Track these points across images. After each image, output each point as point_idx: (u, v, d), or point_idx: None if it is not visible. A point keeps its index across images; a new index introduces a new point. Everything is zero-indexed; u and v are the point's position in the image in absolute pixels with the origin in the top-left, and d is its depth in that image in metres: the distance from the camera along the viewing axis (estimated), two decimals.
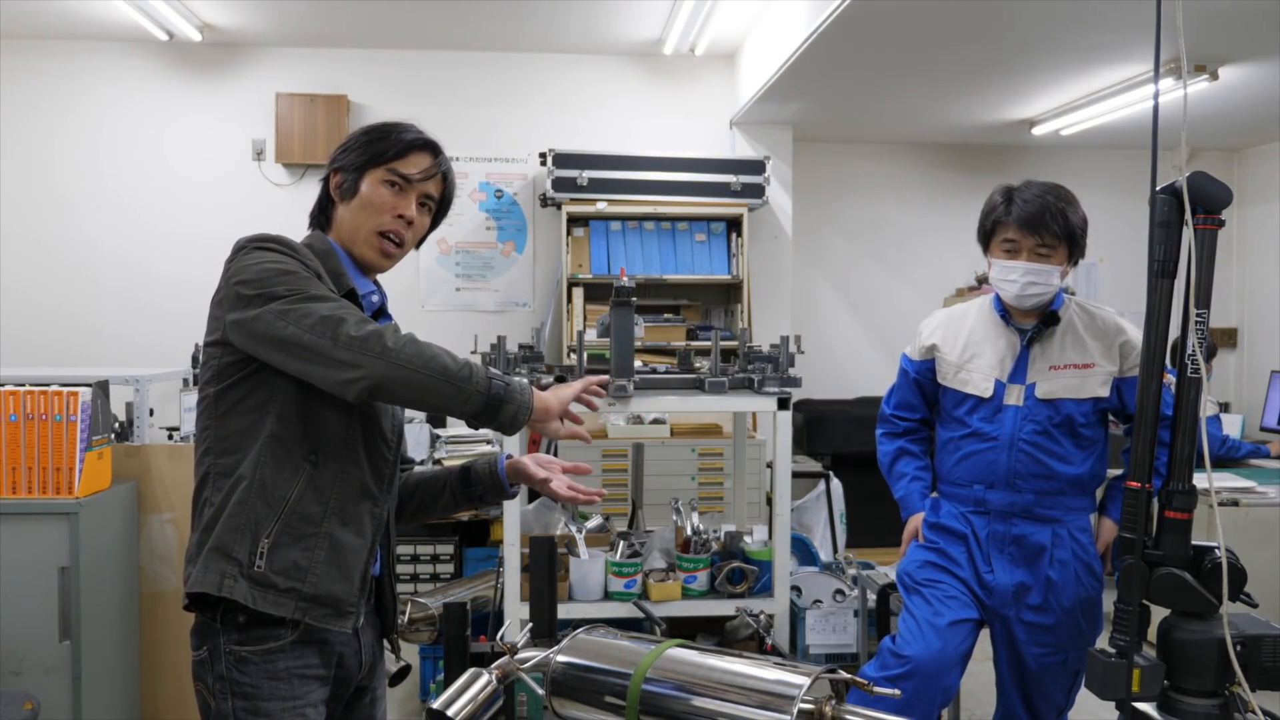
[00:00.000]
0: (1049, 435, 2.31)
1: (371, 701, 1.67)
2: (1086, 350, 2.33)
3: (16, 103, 5.20)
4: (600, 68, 5.48)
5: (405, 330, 1.46)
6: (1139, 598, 1.46)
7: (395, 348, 1.38)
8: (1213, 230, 1.53)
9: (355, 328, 1.37)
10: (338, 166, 1.62)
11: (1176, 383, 1.57)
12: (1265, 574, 3.47)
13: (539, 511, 3.27)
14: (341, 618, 1.51)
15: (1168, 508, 1.51)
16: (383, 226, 1.59)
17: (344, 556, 1.51)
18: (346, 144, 1.64)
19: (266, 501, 1.47)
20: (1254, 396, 6.00)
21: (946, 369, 2.45)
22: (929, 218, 6.13)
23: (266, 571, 1.45)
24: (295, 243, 1.54)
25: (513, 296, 5.48)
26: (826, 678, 1.02)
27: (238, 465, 1.48)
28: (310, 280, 1.45)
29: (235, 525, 1.46)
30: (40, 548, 2.71)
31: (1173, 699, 1.42)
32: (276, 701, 1.46)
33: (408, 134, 1.62)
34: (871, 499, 5.41)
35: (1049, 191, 2.29)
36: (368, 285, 1.64)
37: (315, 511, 1.49)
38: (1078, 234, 2.29)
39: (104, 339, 5.24)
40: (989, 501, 2.36)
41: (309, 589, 1.47)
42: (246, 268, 1.45)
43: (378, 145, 1.60)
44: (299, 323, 1.38)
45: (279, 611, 1.45)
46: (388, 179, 1.59)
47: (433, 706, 1.17)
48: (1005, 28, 3.78)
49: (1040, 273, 2.27)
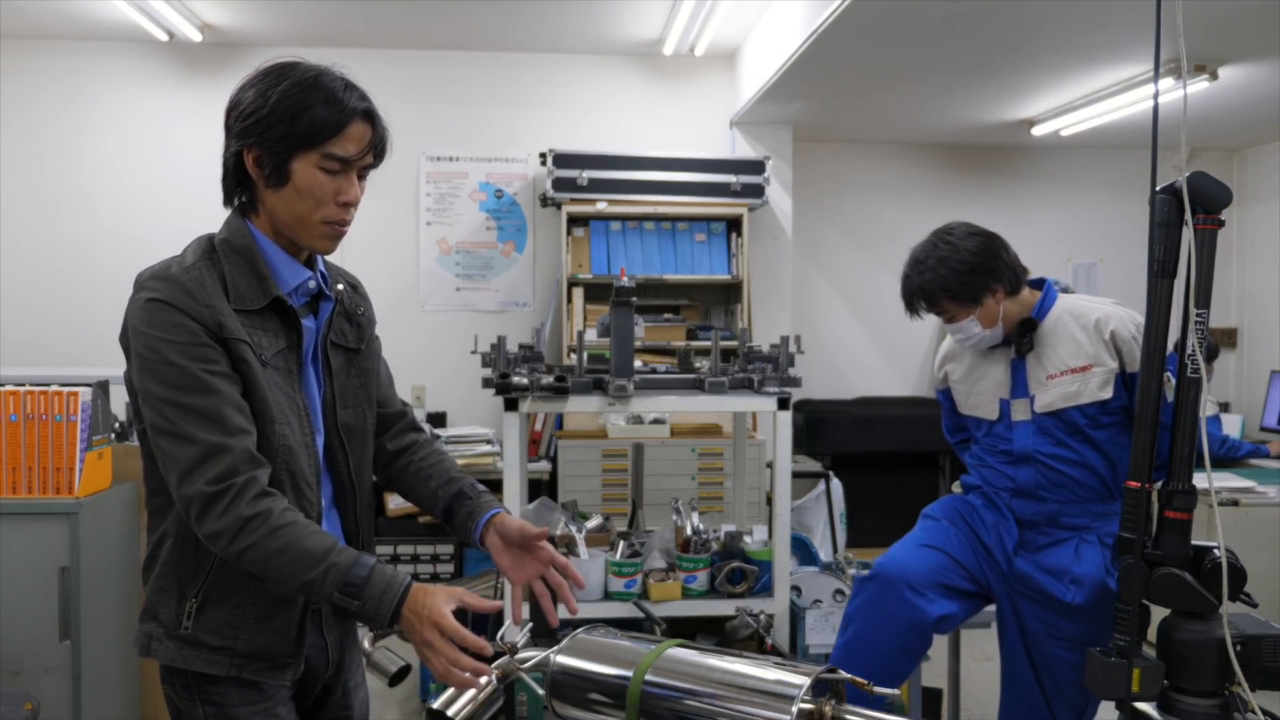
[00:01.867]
0: (1063, 445, 2.32)
1: (344, 694, 1.61)
2: (1081, 351, 2.30)
3: (16, 103, 5.20)
4: (600, 68, 5.48)
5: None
6: (1139, 598, 1.46)
7: (240, 556, 1.29)
8: (1213, 230, 1.53)
9: (218, 518, 1.28)
10: (254, 142, 1.38)
11: (1177, 383, 1.57)
12: (1265, 574, 3.47)
13: (539, 511, 3.28)
14: (279, 670, 1.43)
15: (1168, 508, 1.51)
16: (329, 218, 1.41)
17: (276, 610, 1.42)
18: (256, 110, 1.36)
19: (192, 559, 1.40)
20: (1254, 396, 6.00)
21: (959, 396, 2.54)
22: (929, 217, 6.06)
23: (195, 632, 1.39)
24: (190, 299, 1.34)
25: (513, 296, 5.48)
26: (826, 678, 1.02)
27: (164, 511, 1.41)
28: (191, 391, 1.31)
29: (162, 586, 1.42)
30: (40, 548, 2.71)
31: (1173, 699, 1.42)
32: (246, 707, 1.42)
33: (340, 103, 1.37)
34: (871, 499, 5.42)
35: (919, 264, 2.35)
36: (299, 274, 1.46)
37: (242, 568, 1.35)
38: (962, 288, 2.30)
39: (104, 339, 5.20)
40: (1016, 510, 2.41)
41: (242, 645, 1.40)
42: (140, 353, 1.34)
43: (304, 122, 1.35)
44: (170, 480, 1.32)
45: (212, 670, 1.39)
46: (325, 165, 1.38)
47: (433, 706, 1.17)
48: (1005, 27, 3.78)
49: (959, 329, 2.39)
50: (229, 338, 1.35)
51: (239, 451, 1.31)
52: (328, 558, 1.29)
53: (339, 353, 1.53)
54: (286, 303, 1.42)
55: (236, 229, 1.44)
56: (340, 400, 1.52)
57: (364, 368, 1.58)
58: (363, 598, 1.29)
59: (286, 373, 1.43)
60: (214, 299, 1.35)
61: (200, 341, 1.33)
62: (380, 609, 1.29)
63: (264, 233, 1.44)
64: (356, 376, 1.56)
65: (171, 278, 1.36)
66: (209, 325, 1.34)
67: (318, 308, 1.51)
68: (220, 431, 1.30)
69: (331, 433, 1.51)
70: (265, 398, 1.38)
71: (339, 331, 1.53)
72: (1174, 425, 1.56)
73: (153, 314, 1.33)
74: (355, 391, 1.56)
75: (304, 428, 1.44)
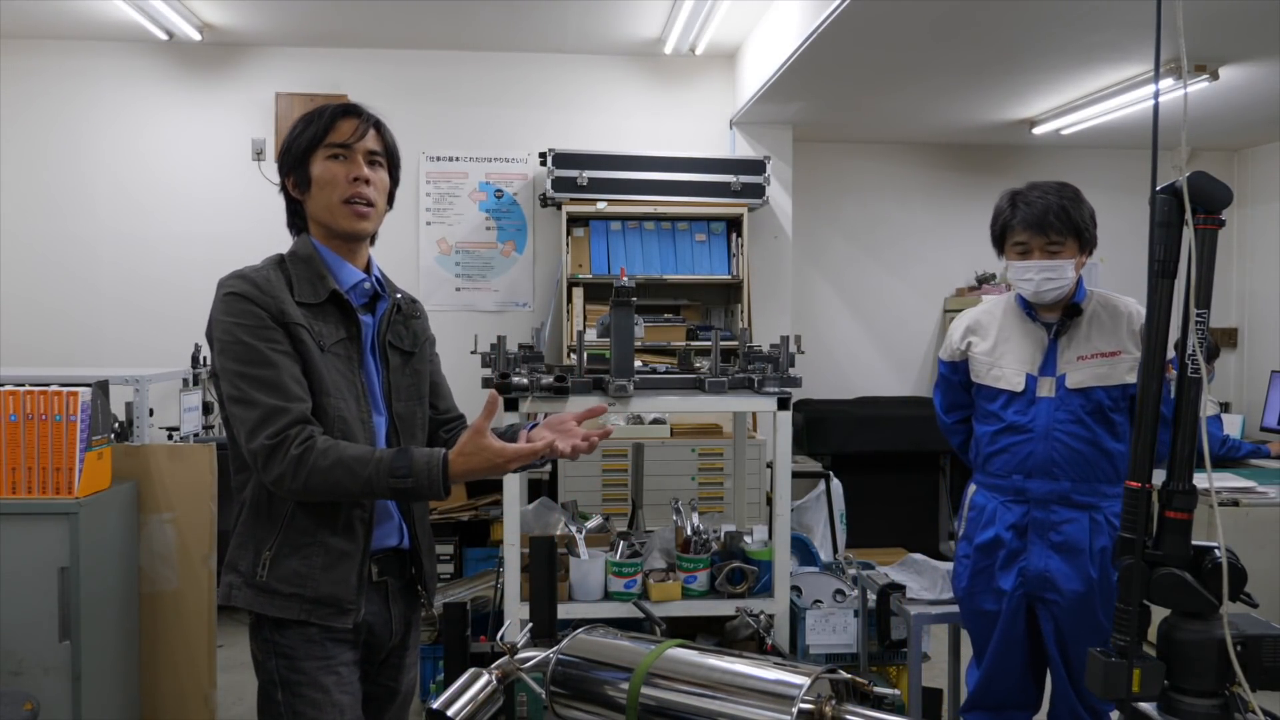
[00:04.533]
0: (1082, 424, 2.41)
1: (397, 669, 1.83)
2: (1111, 338, 2.42)
3: (16, 102, 5.20)
4: (600, 68, 5.48)
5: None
6: (1139, 598, 1.46)
7: (306, 488, 1.55)
8: (1213, 230, 1.52)
9: (279, 463, 1.54)
10: (285, 170, 1.73)
11: (1177, 382, 1.56)
12: (1265, 574, 3.46)
13: (539, 511, 3.27)
14: (343, 615, 1.65)
15: (1168, 508, 1.51)
16: (344, 195, 1.69)
17: (339, 561, 1.65)
18: (282, 150, 1.74)
19: (266, 520, 1.65)
20: (1254, 396, 6.01)
21: (980, 366, 2.55)
22: (929, 217, 6.13)
23: (270, 580, 1.63)
24: (258, 291, 1.62)
25: (513, 296, 5.48)
26: (826, 678, 1.02)
27: (244, 485, 1.69)
28: (257, 364, 1.58)
29: (240, 542, 1.68)
30: (40, 548, 2.71)
31: (1173, 699, 1.42)
32: (312, 660, 1.64)
33: (325, 110, 1.72)
34: (871, 499, 5.42)
35: (1052, 191, 2.42)
36: (355, 275, 1.74)
37: (309, 524, 1.64)
38: (1083, 227, 2.42)
39: (103, 339, 5.24)
40: (1029, 490, 2.45)
41: (310, 592, 1.63)
42: (219, 337, 1.62)
43: (305, 133, 1.70)
44: (240, 439, 1.60)
45: (284, 614, 1.63)
46: (329, 154, 1.69)
47: (433, 706, 1.17)
48: (1005, 27, 3.78)
49: (1053, 268, 2.40)
50: (289, 323, 1.62)
51: (295, 413, 1.57)
52: (373, 455, 1.56)
53: (395, 352, 1.79)
54: (344, 298, 1.69)
55: (300, 243, 1.74)
56: (395, 392, 1.77)
57: (417, 369, 1.83)
58: (413, 473, 1.54)
59: (346, 359, 1.69)
60: (278, 292, 1.63)
61: (265, 324, 1.60)
62: (431, 477, 1.54)
63: (320, 241, 1.73)
64: (410, 375, 1.81)
65: (245, 276, 1.64)
66: (272, 312, 1.61)
67: (375, 308, 1.77)
68: (280, 397, 1.57)
69: (389, 416, 1.75)
70: (322, 376, 1.63)
71: (396, 333, 1.80)
72: (1174, 425, 1.56)
73: (229, 305, 1.62)
74: (408, 388, 1.80)
75: (361, 406, 1.69)
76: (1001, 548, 2.48)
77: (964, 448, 2.72)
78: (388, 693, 1.82)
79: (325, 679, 1.64)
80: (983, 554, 2.51)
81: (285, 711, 1.64)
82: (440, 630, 3.14)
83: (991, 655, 2.52)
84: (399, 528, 1.77)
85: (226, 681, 3.61)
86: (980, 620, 2.55)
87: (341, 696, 1.65)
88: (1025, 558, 2.45)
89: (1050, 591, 2.42)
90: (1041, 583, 2.43)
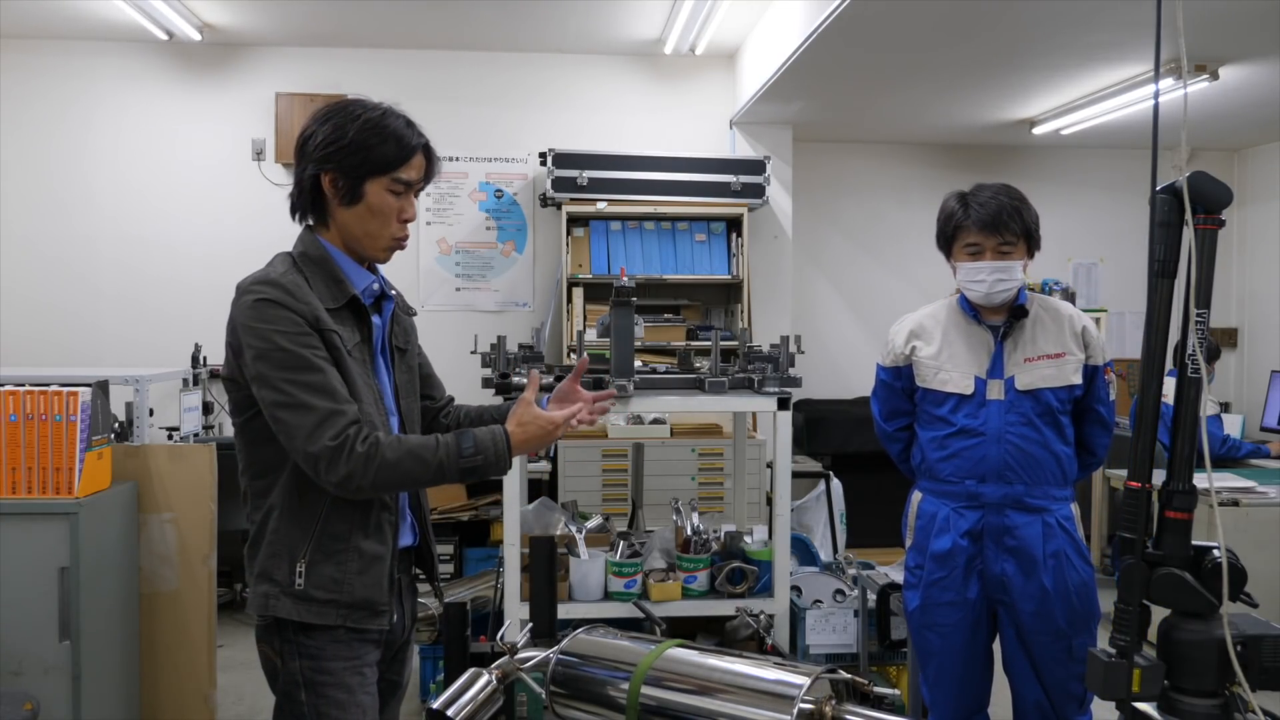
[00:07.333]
0: (1033, 426, 2.40)
1: (401, 661, 1.85)
2: (1056, 340, 2.43)
3: (16, 102, 5.20)
4: (600, 68, 5.48)
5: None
6: (1139, 598, 1.46)
7: (375, 483, 1.56)
8: (1213, 230, 1.52)
9: (345, 463, 1.52)
10: (328, 164, 1.63)
11: (1177, 382, 1.56)
12: (1265, 574, 3.46)
13: (539, 511, 3.27)
14: (378, 617, 1.66)
15: (1168, 508, 1.51)
16: (396, 234, 1.69)
17: (372, 564, 1.65)
18: (339, 141, 1.63)
19: (298, 526, 1.63)
20: (1254, 396, 6.01)
21: (925, 371, 2.52)
22: (929, 217, 6.02)
23: (307, 588, 1.61)
24: (291, 298, 1.58)
25: (513, 296, 5.48)
26: (826, 678, 1.02)
27: (269, 490, 1.64)
28: (303, 369, 1.55)
29: (273, 551, 1.63)
30: (40, 548, 2.71)
31: (1173, 699, 1.42)
32: (339, 661, 1.63)
33: (406, 139, 1.66)
34: (871, 499, 5.42)
35: (1002, 192, 2.44)
36: (366, 278, 1.72)
37: (341, 529, 1.63)
38: (1033, 229, 2.44)
39: (103, 339, 5.24)
40: (982, 495, 2.41)
41: (346, 597, 1.62)
42: (253, 344, 1.57)
43: (380, 152, 1.63)
44: (296, 444, 1.55)
45: (323, 621, 1.61)
46: (393, 188, 1.65)
47: (433, 706, 1.17)
48: (1005, 27, 3.78)
49: (1005, 269, 2.41)
50: (324, 328, 1.60)
51: (351, 413, 1.56)
52: (437, 441, 1.59)
53: (397, 351, 1.80)
54: (360, 301, 1.67)
55: (310, 243, 1.68)
56: (401, 391, 1.78)
57: (411, 366, 1.84)
58: (480, 449, 1.59)
59: (363, 362, 1.68)
60: (310, 298, 1.60)
61: (304, 330, 1.57)
62: (498, 451, 1.60)
63: (333, 244, 1.69)
64: (407, 373, 1.82)
65: (274, 281, 1.59)
66: (308, 318, 1.58)
67: (381, 308, 1.77)
68: (333, 400, 1.55)
69: (399, 416, 1.77)
70: (353, 380, 1.62)
71: (396, 333, 1.80)
72: (1174, 425, 1.56)
73: (263, 311, 1.57)
74: (408, 385, 1.81)
75: (379, 410, 1.68)
76: (960, 555, 2.42)
77: (903, 456, 2.68)
78: (391, 686, 1.84)
79: (351, 679, 1.64)
80: (938, 564, 2.45)
81: (309, 713, 1.62)
82: (440, 630, 3.14)
83: (963, 665, 2.47)
84: (411, 526, 1.80)
85: (226, 681, 3.61)
86: (939, 632, 2.48)
87: (364, 697, 1.66)
88: (981, 562, 2.41)
89: (1008, 595, 2.39)
90: (999, 586, 2.40)
